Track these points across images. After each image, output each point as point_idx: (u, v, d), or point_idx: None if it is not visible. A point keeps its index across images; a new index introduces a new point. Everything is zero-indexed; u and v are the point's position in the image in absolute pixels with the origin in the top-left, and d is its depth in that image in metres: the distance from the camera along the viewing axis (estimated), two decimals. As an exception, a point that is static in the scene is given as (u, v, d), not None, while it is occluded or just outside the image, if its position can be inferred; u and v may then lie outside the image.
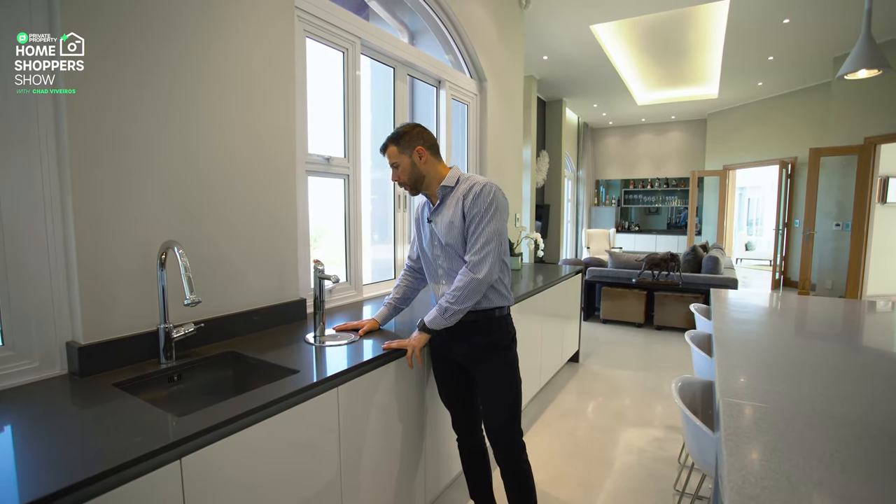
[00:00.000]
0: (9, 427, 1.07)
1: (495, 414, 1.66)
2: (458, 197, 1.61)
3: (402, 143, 1.64)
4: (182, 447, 0.98)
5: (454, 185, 1.64)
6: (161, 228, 1.50)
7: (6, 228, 1.24)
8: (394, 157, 1.65)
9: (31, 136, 1.26)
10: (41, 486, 0.81)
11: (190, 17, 1.55)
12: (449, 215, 1.62)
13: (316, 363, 1.51)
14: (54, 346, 1.34)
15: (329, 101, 2.37)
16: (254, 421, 1.14)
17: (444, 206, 1.65)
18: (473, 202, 1.56)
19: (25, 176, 1.26)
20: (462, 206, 1.59)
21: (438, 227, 1.65)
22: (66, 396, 1.23)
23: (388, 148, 1.65)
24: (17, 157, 1.25)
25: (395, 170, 1.66)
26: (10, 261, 1.25)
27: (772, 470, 0.82)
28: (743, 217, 12.70)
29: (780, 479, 0.79)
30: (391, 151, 1.65)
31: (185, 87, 1.54)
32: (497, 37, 3.73)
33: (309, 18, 2.09)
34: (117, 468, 0.88)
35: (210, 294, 1.65)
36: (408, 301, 1.94)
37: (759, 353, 1.62)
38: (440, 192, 1.65)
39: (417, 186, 1.67)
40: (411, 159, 1.63)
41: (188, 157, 1.57)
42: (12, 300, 1.26)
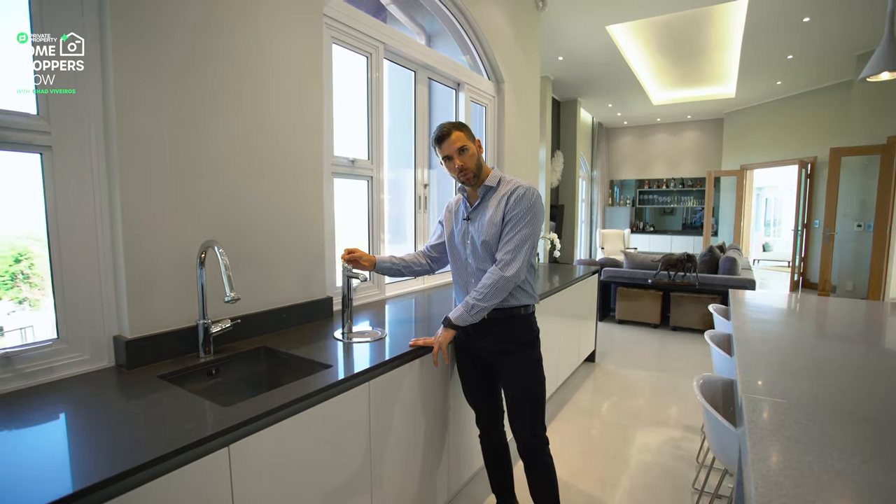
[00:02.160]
0: (64, 415, 1.15)
1: (519, 408, 1.69)
2: (499, 197, 1.64)
3: (467, 132, 1.65)
4: (231, 435, 1.05)
5: (495, 186, 1.67)
6: (199, 228, 1.58)
7: (61, 230, 1.32)
8: (462, 140, 1.62)
9: (83, 141, 1.34)
10: (108, 468, 0.88)
11: (232, 33, 1.62)
12: (489, 215, 1.64)
13: (346, 359, 1.58)
14: (103, 340, 1.42)
15: (351, 103, 2.44)
16: (295, 411, 1.21)
17: (484, 206, 1.68)
18: (516, 203, 1.60)
19: (77, 179, 1.34)
20: (504, 206, 1.61)
21: (476, 225, 1.68)
22: (117, 387, 1.30)
23: (453, 133, 1.62)
24: (70, 162, 1.33)
25: (462, 154, 1.62)
26: (64, 260, 1.33)
27: (794, 460, 0.86)
28: (760, 217, 12.54)
29: (802, 468, 0.82)
30: (458, 136, 1.62)
31: (223, 95, 1.62)
32: (514, 38, 3.77)
33: (336, 25, 2.16)
34: (173, 453, 0.95)
35: (243, 291, 1.72)
36: (408, 269, 1.93)
37: (779, 352, 1.64)
38: (481, 192, 1.69)
39: (479, 174, 1.66)
40: (475, 146, 1.66)
41: (224, 160, 1.64)
42: (66, 296, 1.34)
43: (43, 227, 1.32)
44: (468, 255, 1.72)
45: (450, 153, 1.63)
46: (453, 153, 1.63)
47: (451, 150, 1.62)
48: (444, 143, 1.63)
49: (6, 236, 1.39)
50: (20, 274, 1.42)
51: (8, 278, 1.40)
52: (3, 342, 1.30)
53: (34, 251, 1.43)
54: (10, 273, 1.41)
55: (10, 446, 0.99)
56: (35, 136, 1.26)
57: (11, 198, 1.34)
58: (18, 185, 1.33)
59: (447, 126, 1.64)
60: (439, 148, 1.65)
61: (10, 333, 1.36)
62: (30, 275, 1.44)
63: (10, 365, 1.24)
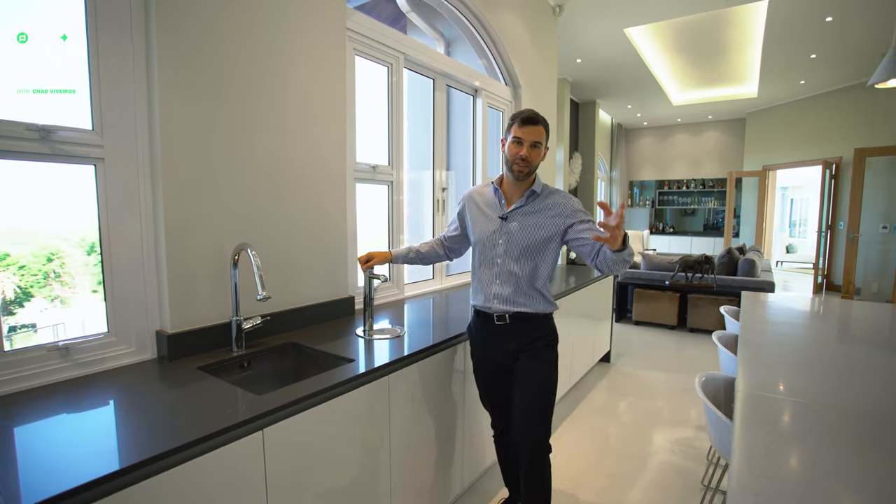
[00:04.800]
0: (113, 401, 1.28)
1: (532, 408, 1.66)
2: (547, 206, 1.69)
3: (547, 133, 1.68)
4: (264, 419, 1.17)
5: (540, 192, 1.71)
6: (232, 231, 1.71)
7: (112, 234, 1.46)
8: (541, 137, 1.65)
9: (130, 152, 1.48)
10: (154, 447, 1.00)
11: (264, 49, 1.74)
12: (537, 220, 1.67)
13: (368, 354, 1.68)
14: (146, 334, 1.56)
15: (372, 110, 2.55)
16: (321, 400, 1.32)
17: (527, 210, 1.70)
18: (573, 209, 1.67)
19: (125, 187, 1.48)
20: (566, 213, 1.67)
21: (518, 226, 1.69)
22: (160, 377, 1.44)
23: (540, 125, 1.65)
24: (119, 171, 1.46)
25: (533, 148, 1.64)
26: (114, 260, 1.47)
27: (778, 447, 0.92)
28: (785, 218, 12.29)
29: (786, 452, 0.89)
30: (542, 131, 1.65)
31: (256, 108, 1.74)
32: (531, 44, 3.84)
33: (358, 38, 2.27)
34: (214, 434, 1.06)
35: (272, 291, 1.84)
36: (425, 260, 2.00)
37: (781, 351, 1.69)
38: (527, 194, 1.70)
39: (531, 174, 1.69)
40: (544, 150, 1.70)
41: (255, 169, 1.77)
42: (115, 294, 1.48)
43: (74, 227, 1.46)
44: (499, 255, 1.71)
45: (526, 138, 1.63)
46: (528, 141, 1.63)
47: (530, 137, 1.63)
48: (527, 126, 1.63)
49: (39, 236, 1.47)
50: (52, 273, 1.51)
51: (41, 277, 1.49)
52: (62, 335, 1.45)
53: (64, 250, 1.52)
54: (42, 272, 1.49)
55: (68, 427, 1.13)
56: (90, 149, 1.40)
57: (48, 201, 1.45)
58: (53, 189, 1.44)
59: (539, 116, 1.65)
60: (520, 128, 1.63)
61: (43, 330, 1.45)
62: (61, 273, 1.52)
63: (68, 355, 1.38)
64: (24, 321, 1.43)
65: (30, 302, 1.45)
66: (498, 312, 1.70)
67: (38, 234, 1.47)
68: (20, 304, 1.43)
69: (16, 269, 1.43)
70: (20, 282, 1.43)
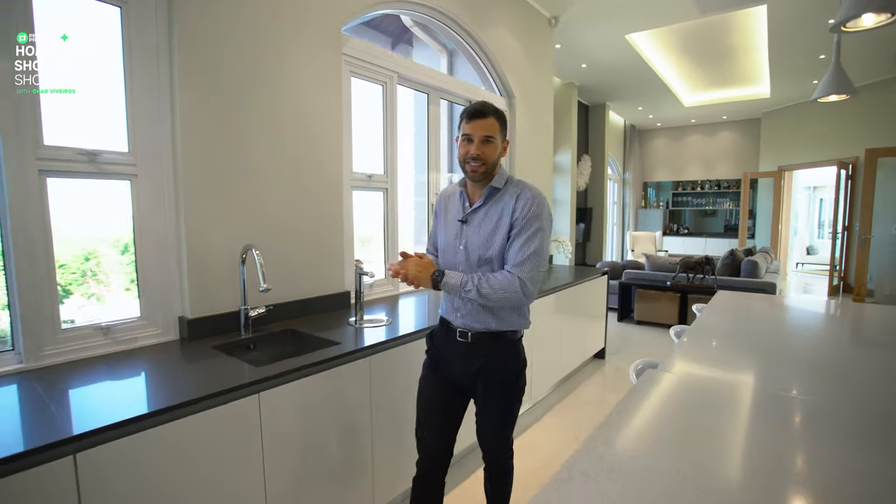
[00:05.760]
0: (145, 371, 1.59)
1: (494, 423, 1.60)
2: (503, 204, 1.49)
3: (503, 124, 1.50)
4: (259, 385, 1.46)
5: (501, 188, 1.52)
6: (241, 232, 2.01)
7: (143, 236, 1.78)
8: (493, 130, 1.46)
9: (157, 168, 1.80)
10: (177, 398, 1.30)
11: (272, 74, 2.05)
12: (492, 224, 1.49)
13: (355, 339, 1.97)
14: (171, 318, 1.88)
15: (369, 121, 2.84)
16: (308, 373, 1.60)
17: (486, 210, 1.52)
18: (515, 219, 1.47)
19: (154, 197, 1.80)
20: (510, 218, 1.47)
21: (473, 230, 1.52)
22: (182, 354, 1.75)
23: (490, 117, 1.46)
24: (149, 184, 1.79)
25: (487, 144, 1.46)
26: (145, 258, 1.79)
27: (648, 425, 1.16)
28: (814, 218, 12.04)
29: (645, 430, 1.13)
30: (492, 123, 1.46)
31: (264, 127, 2.05)
32: (525, 56, 4.07)
33: (353, 61, 2.56)
34: (220, 392, 1.36)
35: (275, 284, 2.14)
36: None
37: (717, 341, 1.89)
38: (486, 192, 1.52)
39: (490, 172, 1.50)
40: (502, 145, 1.52)
41: (262, 180, 2.08)
42: (146, 284, 1.81)
43: (111, 230, 1.77)
44: (461, 262, 1.55)
45: (475, 133, 1.45)
46: (479, 136, 1.45)
47: (480, 132, 1.45)
48: (475, 121, 1.46)
49: (77, 237, 1.68)
50: (89, 272, 1.73)
51: (79, 275, 1.69)
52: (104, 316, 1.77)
53: (100, 250, 1.72)
54: (81, 270, 1.69)
55: (110, 386, 1.44)
56: (127, 167, 1.72)
57: (87, 207, 1.72)
58: (92, 197, 1.72)
59: (488, 107, 1.47)
60: (468, 123, 1.47)
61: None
62: (97, 272, 1.73)
63: (109, 333, 1.71)
64: (65, 317, 1.61)
65: (69, 299, 1.68)
66: (460, 328, 1.55)
67: (76, 237, 1.72)
68: (60, 301, 1.61)
69: (57, 267, 1.70)
70: (60, 279, 1.61)
